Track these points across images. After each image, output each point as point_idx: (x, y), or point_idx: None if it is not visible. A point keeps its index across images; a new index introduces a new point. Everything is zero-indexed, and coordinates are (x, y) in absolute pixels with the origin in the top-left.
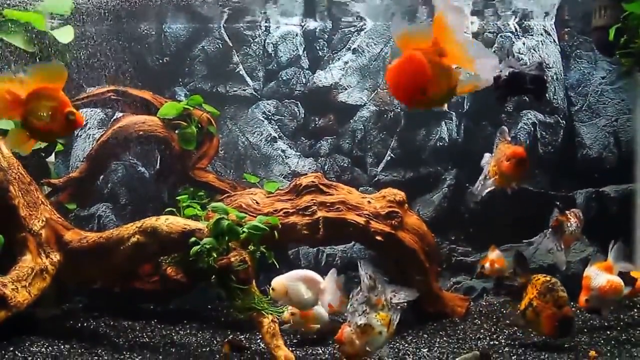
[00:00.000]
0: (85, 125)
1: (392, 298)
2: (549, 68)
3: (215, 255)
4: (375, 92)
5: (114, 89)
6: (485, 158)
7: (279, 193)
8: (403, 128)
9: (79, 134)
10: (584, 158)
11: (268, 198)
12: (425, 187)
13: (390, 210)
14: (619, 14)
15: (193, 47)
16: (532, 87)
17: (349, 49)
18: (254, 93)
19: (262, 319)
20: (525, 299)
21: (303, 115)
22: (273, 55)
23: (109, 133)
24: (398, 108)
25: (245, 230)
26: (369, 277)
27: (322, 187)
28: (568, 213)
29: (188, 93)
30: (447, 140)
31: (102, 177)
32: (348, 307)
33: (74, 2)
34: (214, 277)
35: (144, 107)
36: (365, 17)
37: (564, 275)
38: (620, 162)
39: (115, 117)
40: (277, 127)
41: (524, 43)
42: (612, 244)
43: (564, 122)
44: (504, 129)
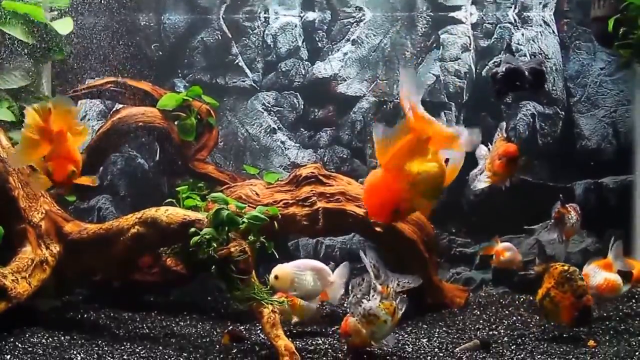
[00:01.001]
0: (85, 117)
1: (396, 286)
2: (548, 59)
3: (215, 246)
4: (375, 83)
5: (113, 80)
6: (481, 150)
7: (279, 184)
8: (402, 119)
9: None
10: (583, 149)
11: (268, 189)
12: None
13: None
14: (618, 5)
15: (192, 38)
16: (529, 82)
17: (348, 40)
18: (253, 84)
19: (262, 309)
20: (542, 289)
21: (302, 107)
22: (272, 47)
23: (109, 124)
24: (397, 99)
25: (245, 221)
26: (373, 265)
27: (321, 177)
28: (568, 206)
29: (187, 84)
30: None
31: (101, 168)
32: (350, 298)
33: None
34: (214, 267)
35: (144, 98)
36: (365, 8)
37: None
38: (619, 153)
39: (115, 108)
40: (276, 118)
41: (523, 34)
42: (612, 242)
43: (563, 113)
44: (503, 125)
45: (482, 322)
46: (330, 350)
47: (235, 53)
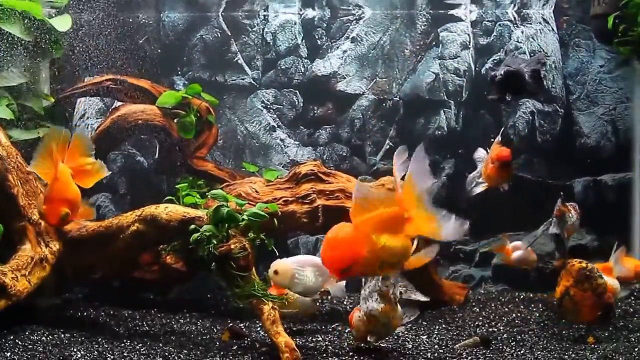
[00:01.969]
0: (84, 115)
1: (401, 294)
2: (548, 57)
3: (216, 243)
4: (374, 81)
5: (113, 78)
6: (479, 153)
7: (279, 182)
8: (402, 117)
9: (77, 124)
10: (582, 147)
11: (268, 187)
12: None
13: None
14: (618, 3)
15: (192, 36)
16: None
17: (348, 38)
18: (253, 82)
19: (262, 306)
20: (561, 287)
21: (302, 105)
22: (272, 45)
23: (108, 122)
24: (397, 97)
25: (245, 218)
26: None
27: (321, 175)
28: (569, 205)
29: (187, 82)
30: (446, 130)
31: None
32: (362, 291)
33: None
34: (214, 264)
35: (143, 96)
36: (364, 6)
37: None
38: (618, 150)
39: (114, 106)
40: (276, 116)
41: (523, 32)
42: (615, 247)
43: (563, 111)
44: (499, 139)
45: (482, 319)
46: (331, 348)
47: (235, 51)
